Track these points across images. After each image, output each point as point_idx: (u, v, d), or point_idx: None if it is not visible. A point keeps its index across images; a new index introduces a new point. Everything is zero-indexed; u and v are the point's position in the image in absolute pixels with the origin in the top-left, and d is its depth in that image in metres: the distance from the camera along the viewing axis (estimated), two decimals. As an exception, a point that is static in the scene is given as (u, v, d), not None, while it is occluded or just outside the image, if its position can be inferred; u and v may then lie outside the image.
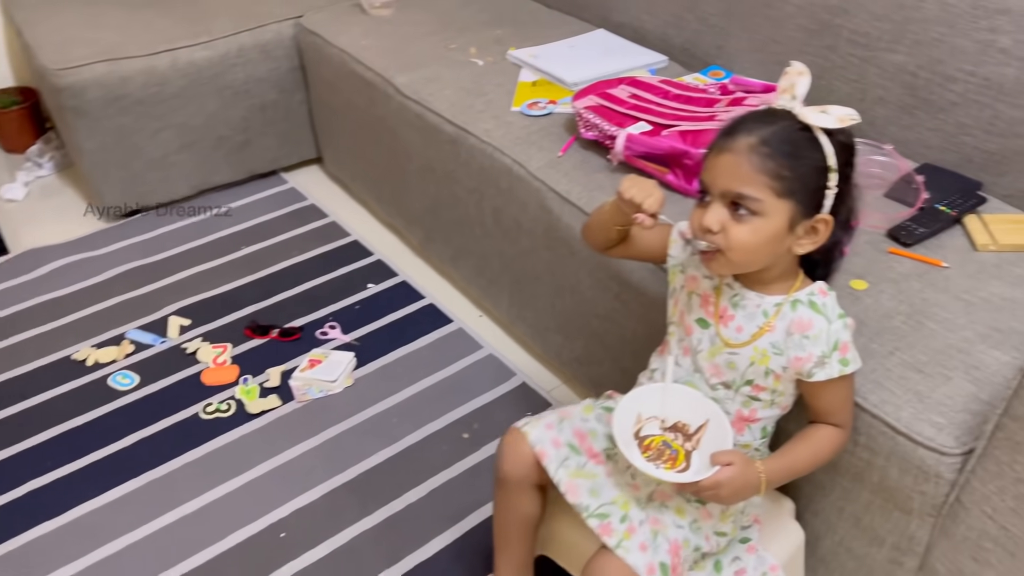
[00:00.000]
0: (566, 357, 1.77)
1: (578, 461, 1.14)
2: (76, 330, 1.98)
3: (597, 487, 1.12)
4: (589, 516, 1.08)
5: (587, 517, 1.08)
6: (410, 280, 2.16)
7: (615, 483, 1.13)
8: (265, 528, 1.53)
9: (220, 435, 1.71)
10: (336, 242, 2.30)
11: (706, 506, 1.14)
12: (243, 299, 2.08)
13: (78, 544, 1.50)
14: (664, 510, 1.12)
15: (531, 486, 1.19)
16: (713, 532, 1.14)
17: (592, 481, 1.13)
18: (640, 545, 1.07)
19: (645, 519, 1.10)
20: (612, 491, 1.12)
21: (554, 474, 1.12)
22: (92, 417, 1.75)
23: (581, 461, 1.15)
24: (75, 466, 1.64)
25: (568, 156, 1.66)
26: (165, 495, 1.59)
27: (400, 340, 1.96)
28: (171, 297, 2.08)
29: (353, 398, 1.81)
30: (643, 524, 1.09)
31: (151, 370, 1.87)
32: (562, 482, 1.11)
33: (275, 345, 1.94)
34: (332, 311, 2.05)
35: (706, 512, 1.14)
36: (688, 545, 1.10)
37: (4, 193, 2.47)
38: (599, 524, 1.07)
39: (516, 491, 1.19)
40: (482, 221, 1.84)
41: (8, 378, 1.85)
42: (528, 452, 1.15)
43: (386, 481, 1.62)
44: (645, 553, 1.06)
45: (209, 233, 2.32)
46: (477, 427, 1.74)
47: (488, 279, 1.93)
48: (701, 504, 1.13)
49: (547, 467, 1.12)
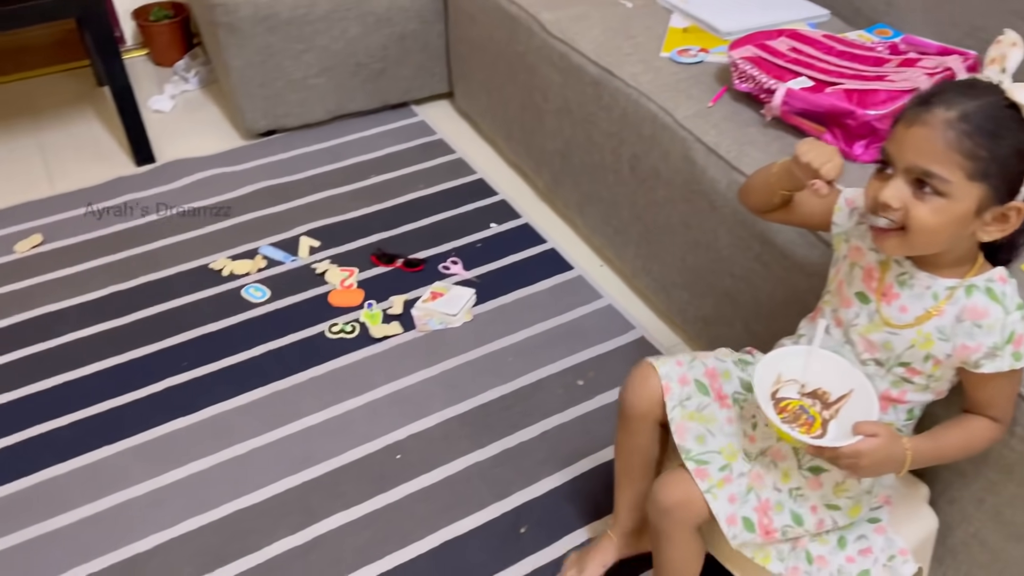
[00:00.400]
0: (690, 315, 1.73)
1: (699, 402, 1.14)
2: (213, 241, 2.07)
3: (707, 432, 1.12)
4: (688, 459, 1.09)
5: (686, 459, 1.09)
6: (532, 223, 2.14)
7: (731, 431, 1.12)
8: (382, 448, 1.58)
9: (343, 355, 1.77)
10: (461, 179, 2.30)
11: (818, 476, 1.10)
12: (370, 227, 2.12)
13: (209, 442, 1.58)
14: (770, 469, 1.11)
15: (654, 422, 1.18)
16: (823, 504, 1.10)
17: (704, 426, 1.12)
18: (729, 496, 1.07)
19: (746, 472, 1.10)
20: (723, 439, 1.12)
21: (670, 412, 1.12)
22: (225, 325, 1.83)
23: (703, 402, 1.14)
24: (208, 369, 1.73)
25: (718, 107, 1.60)
26: (290, 406, 1.65)
27: (519, 282, 1.96)
28: (302, 218, 2.14)
29: (471, 333, 1.83)
30: (741, 477, 1.09)
31: (281, 286, 1.93)
32: (674, 420, 1.12)
33: (399, 274, 1.98)
34: (454, 247, 2.06)
35: (816, 482, 1.10)
36: (781, 509, 1.09)
37: (152, 104, 2.57)
38: (696, 468, 1.08)
39: (639, 426, 1.19)
40: (617, 168, 1.80)
41: (151, 280, 1.95)
42: (656, 388, 1.14)
43: (500, 418, 1.64)
44: (732, 504, 1.06)
45: (340, 160, 2.36)
46: (592, 376, 1.73)
47: (615, 228, 1.90)
48: (813, 474, 1.10)
49: (666, 402, 1.13)
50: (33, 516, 1.45)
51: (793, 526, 1.09)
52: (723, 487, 1.08)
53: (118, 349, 1.77)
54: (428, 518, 1.46)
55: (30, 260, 2.01)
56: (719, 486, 1.08)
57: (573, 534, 1.44)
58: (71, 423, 1.61)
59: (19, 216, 2.14)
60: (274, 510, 1.47)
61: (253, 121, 2.38)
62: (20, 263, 2.00)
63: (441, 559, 1.40)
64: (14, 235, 2.08)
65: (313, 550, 1.41)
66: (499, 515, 1.47)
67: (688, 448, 1.10)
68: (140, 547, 1.41)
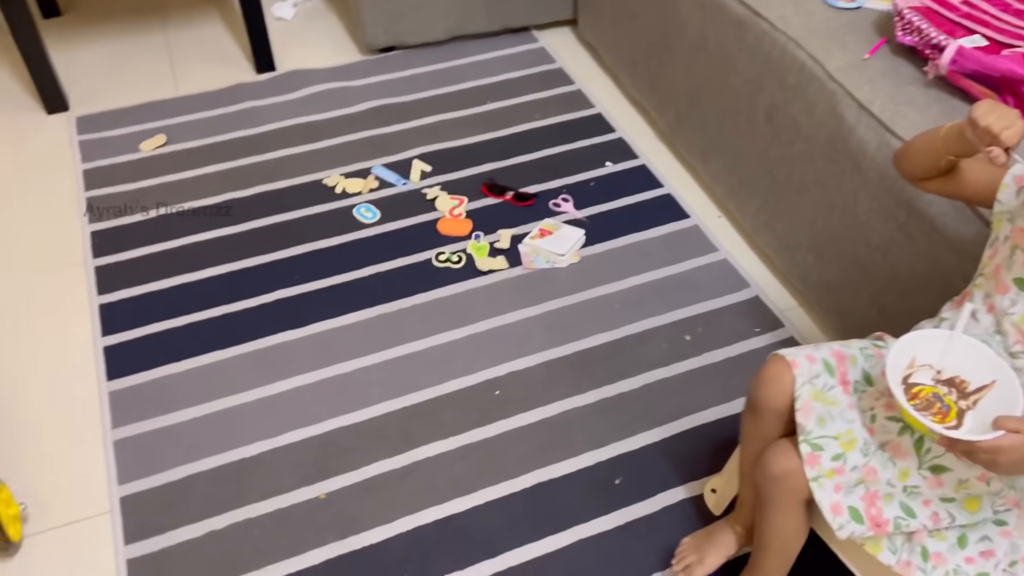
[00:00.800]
0: (813, 280, 1.64)
1: (826, 382, 1.08)
2: (328, 156, 2.07)
3: (828, 415, 1.06)
4: (804, 441, 1.05)
5: (803, 441, 1.05)
6: (650, 165, 2.06)
7: (852, 417, 1.07)
8: (481, 383, 1.57)
9: (448, 284, 1.76)
10: (579, 112, 2.22)
11: (939, 476, 1.03)
12: (482, 155, 2.08)
13: (315, 357, 1.61)
14: (887, 465, 1.05)
15: (784, 416, 1.11)
16: (938, 498, 1.04)
17: (828, 408, 1.07)
18: (836, 486, 1.03)
19: (859, 466, 1.04)
20: (843, 424, 1.06)
21: (799, 389, 1.07)
22: (336, 243, 1.85)
23: (829, 382, 1.08)
24: (318, 285, 1.75)
25: (875, 60, 1.47)
26: (393, 330, 1.66)
27: (631, 226, 1.90)
28: (415, 141, 2.11)
29: (578, 275, 1.79)
30: (854, 470, 1.04)
31: (392, 208, 1.93)
32: (801, 397, 1.06)
33: (508, 207, 1.94)
34: (566, 183, 2.01)
35: (935, 481, 1.04)
36: (890, 500, 1.03)
37: (275, 11, 2.57)
38: (809, 452, 1.04)
39: (770, 421, 1.12)
40: (752, 116, 1.70)
41: (266, 191, 1.97)
42: (789, 383, 1.08)
43: (601, 365, 1.61)
44: (837, 493, 1.03)
45: (457, 82, 2.31)
46: (701, 331, 1.67)
47: (739, 179, 1.80)
48: (933, 474, 1.03)
49: (796, 377, 1.07)
50: (147, 411, 1.52)
51: (905, 518, 1.03)
52: (832, 477, 1.03)
53: (233, 256, 1.81)
54: (523, 458, 1.46)
55: (154, 160, 2.06)
56: (828, 476, 1.04)
57: (668, 492, 1.41)
58: (185, 325, 1.67)
59: (146, 115, 2.19)
60: (374, 431, 1.49)
61: (374, 36, 2.34)
62: (145, 162, 2.05)
63: (533, 500, 1.40)
64: (140, 133, 2.13)
65: (409, 475, 1.43)
66: (594, 464, 1.45)
67: (808, 429, 1.05)
68: (246, 452, 1.46)
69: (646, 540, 1.35)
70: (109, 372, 1.58)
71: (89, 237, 1.85)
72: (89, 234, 1.86)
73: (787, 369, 1.07)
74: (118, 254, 1.82)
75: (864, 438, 1.06)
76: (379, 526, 1.36)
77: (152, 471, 1.43)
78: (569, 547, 1.34)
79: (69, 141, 2.11)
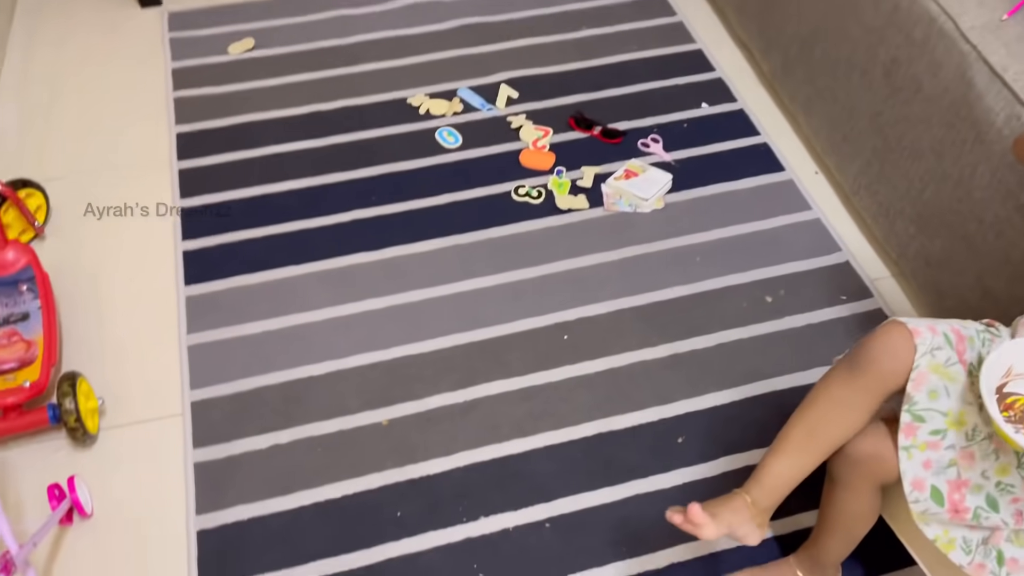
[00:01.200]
0: (911, 252, 1.55)
1: (948, 356, 1.00)
2: (414, 74, 2.02)
3: (943, 390, 0.99)
4: (908, 410, 0.99)
5: (906, 409, 0.99)
6: (748, 111, 1.95)
7: (969, 400, 0.99)
8: (550, 325, 1.55)
9: (525, 220, 1.72)
10: (678, 46, 2.11)
11: None
12: (572, 85, 2.00)
13: (386, 282, 1.60)
14: (988, 456, 0.98)
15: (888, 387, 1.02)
16: None
17: (943, 382, 0.99)
18: (925, 462, 0.98)
19: (958, 447, 0.99)
20: (956, 402, 0.99)
21: (919, 358, 0.98)
22: (416, 166, 1.81)
23: (952, 357, 1.00)
24: (394, 209, 1.73)
25: (1014, 22, 1.33)
26: (465, 262, 1.64)
27: (721, 174, 1.82)
28: (504, 64, 2.04)
29: (660, 222, 1.72)
30: (950, 449, 0.99)
31: (474, 135, 1.88)
32: (918, 368, 0.98)
33: (594, 143, 1.87)
34: (657, 123, 1.92)
35: None
36: (979, 491, 0.98)
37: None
38: (908, 422, 0.99)
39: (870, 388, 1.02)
40: (868, 70, 1.57)
41: (351, 105, 1.94)
42: (907, 351, 0.99)
43: (676, 319, 1.56)
44: (925, 470, 0.98)
45: (552, 4, 2.20)
46: (783, 294, 1.60)
47: (844, 136, 1.69)
48: None
49: (917, 345, 0.98)
50: (221, 319, 1.54)
51: (987, 510, 0.98)
52: (924, 451, 0.98)
53: (313, 171, 1.80)
54: (586, 406, 1.44)
55: (241, 64, 2.04)
56: (920, 449, 0.98)
57: (731, 456, 1.38)
58: (263, 237, 1.68)
59: (236, 16, 2.16)
60: (439, 363, 1.49)
61: (470, -52, 2.24)
62: (232, 65, 2.03)
63: (593, 449, 1.39)
64: (229, 35, 2.11)
65: (471, 411, 1.43)
66: (658, 420, 1.42)
67: (916, 399, 0.99)
68: (314, 370, 1.48)
69: (703, 503, 1.33)
70: (187, 277, 1.61)
71: (175, 139, 1.86)
72: (175, 135, 1.87)
73: (908, 337, 0.99)
74: (201, 158, 1.82)
75: (975, 423, 0.99)
76: (437, 458, 1.37)
77: (223, 379, 1.46)
78: (623, 501, 1.33)
79: (160, 37, 2.11)
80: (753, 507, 1.07)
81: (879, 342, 1.01)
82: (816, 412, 1.06)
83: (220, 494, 1.33)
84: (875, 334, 1.03)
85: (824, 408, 1.06)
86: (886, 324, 1.03)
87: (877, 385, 1.02)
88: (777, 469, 1.07)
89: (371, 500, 1.32)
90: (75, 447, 1.38)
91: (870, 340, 1.03)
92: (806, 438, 1.07)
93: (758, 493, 1.07)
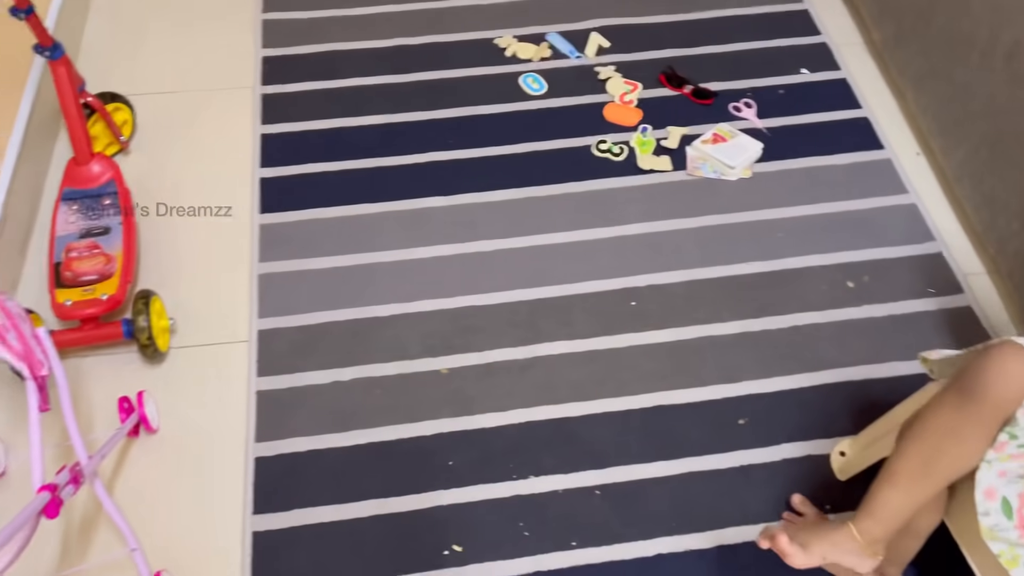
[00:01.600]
0: (1011, 249, 1.45)
1: None
2: (504, 14, 1.95)
3: None
4: (1007, 430, 0.94)
5: (1007, 429, 0.94)
6: (852, 81, 1.84)
7: None
8: (618, 290, 1.51)
9: (604, 177, 1.67)
10: (783, 5, 1.99)
11: None
12: (666, 39, 1.91)
13: (456, 229, 1.59)
14: None
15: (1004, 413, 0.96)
16: None
17: None
18: (1001, 472, 0.94)
19: None
20: None
21: None
22: (497, 111, 1.77)
23: None
24: (471, 154, 1.70)
25: None
26: (539, 216, 1.61)
27: (816, 147, 1.73)
28: (597, 11, 1.96)
29: (745, 192, 1.65)
30: None
31: (560, 83, 1.82)
32: None
33: (684, 103, 1.79)
34: (752, 86, 1.83)
35: None
36: None
37: None
38: (1004, 441, 0.94)
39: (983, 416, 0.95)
40: (987, 51, 1.46)
41: (436, 42, 1.90)
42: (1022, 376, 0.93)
43: (750, 296, 1.51)
44: (1000, 478, 0.94)
45: (653, -51, 2.10)
46: (867, 280, 1.53)
47: (954, 118, 1.58)
48: None
49: None
50: (292, 251, 1.55)
51: None
52: (1003, 462, 0.94)
53: (393, 107, 1.77)
54: (648, 376, 1.41)
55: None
56: (1000, 460, 0.94)
57: (793, 444, 1.34)
58: (338, 171, 1.67)
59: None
60: (502, 317, 1.47)
61: None
62: (321, -9, 2.00)
63: (651, 421, 1.37)
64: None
65: (530, 368, 1.42)
66: (721, 398, 1.39)
67: (1017, 418, 0.94)
68: (379, 311, 1.48)
69: (760, 488, 1.30)
70: (263, 204, 1.62)
71: (260, 63, 1.85)
72: (261, 59, 1.86)
73: None
74: (285, 84, 1.81)
75: None
76: (493, 412, 1.37)
77: (290, 311, 1.48)
78: (678, 476, 1.31)
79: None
80: (862, 538, 1.02)
81: (994, 366, 0.94)
82: (929, 443, 1.00)
83: (280, 424, 1.35)
84: (989, 356, 0.96)
85: (937, 438, 0.99)
86: (1001, 346, 0.96)
87: (993, 413, 0.95)
88: (891, 501, 1.02)
89: (425, 446, 1.33)
90: (145, 363, 1.41)
91: (984, 363, 0.96)
92: (921, 470, 1.00)
93: (869, 524, 1.02)
